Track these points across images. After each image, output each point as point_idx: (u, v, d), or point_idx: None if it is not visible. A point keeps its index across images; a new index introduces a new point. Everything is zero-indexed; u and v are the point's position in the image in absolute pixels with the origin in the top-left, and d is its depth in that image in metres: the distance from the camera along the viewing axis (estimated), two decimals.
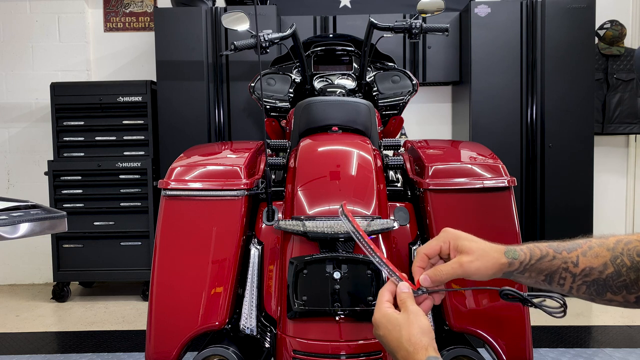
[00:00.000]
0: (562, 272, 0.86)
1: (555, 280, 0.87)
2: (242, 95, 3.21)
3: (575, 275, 0.86)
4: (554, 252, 0.87)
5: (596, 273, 0.85)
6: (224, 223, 1.17)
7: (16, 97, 3.72)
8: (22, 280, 3.78)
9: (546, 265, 0.86)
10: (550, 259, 0.86)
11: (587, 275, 0.85)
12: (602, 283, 0.85)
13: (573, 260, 0.86)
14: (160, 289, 1.15)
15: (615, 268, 0.84)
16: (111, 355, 2.39)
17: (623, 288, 0.84)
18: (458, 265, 0.85)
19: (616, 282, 0.84)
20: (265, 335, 1.18)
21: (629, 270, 0.83)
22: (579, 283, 0.86)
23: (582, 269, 0.85)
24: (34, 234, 0.92)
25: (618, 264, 0.84)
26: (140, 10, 3.80)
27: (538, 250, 0.87)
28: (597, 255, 0.86)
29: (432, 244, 0.89)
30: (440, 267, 0.87)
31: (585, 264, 0.85)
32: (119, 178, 3.23)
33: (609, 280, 0.84)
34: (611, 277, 0.84)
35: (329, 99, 1.53)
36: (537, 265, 0.87)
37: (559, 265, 0.86)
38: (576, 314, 2.92)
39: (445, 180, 1.20)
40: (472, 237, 0.88)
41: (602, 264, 0.85)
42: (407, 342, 0.78)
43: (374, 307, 1.06)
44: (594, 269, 0.85)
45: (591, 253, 0.86)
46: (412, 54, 3.49)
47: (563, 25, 3.17)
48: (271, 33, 1.97)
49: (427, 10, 1.98)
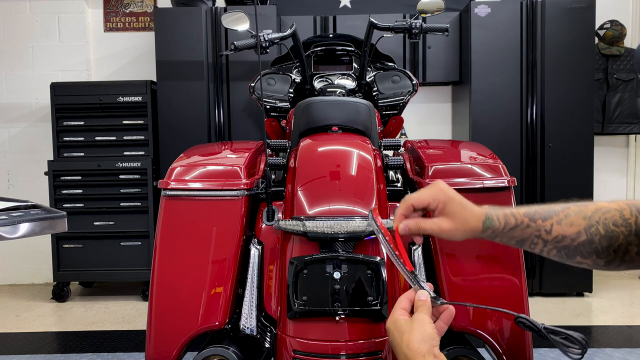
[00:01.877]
0: (534, 239, 0.88)
1: (527, 245, 0.89)
2: (242, 95, 3.21)
3: (547, 242, 0.88)
4: (528, 221, 0.88)
5: (568, 240, 0.86)
6: (224, 223, 1.17)
7: (16, 97, 3.72)
8: (22, 280, 3.78)
9: (519, 232, 0.88)
10: (523, 227, 0.88)
11: (559, 242, 0.87)
12: (573, 248, 0.86)
13: (547, 228, 0.87)
14: (160, 289, 1.16)
15: (588, 236, 0.85)
16: (111, 355, 2.39)
17: (593, 253, 0.85)
18: (438, 229, 0.88)
19: (587, 248, 0.85)
20: (265, 335, 1.18)
21: (602, 239, 0.84)
22: (550, 247, 0.88)
23: (555, 236, 0.87)
24: (34, 234, 0.92)
25: (592, 233, 0.85)
26: (140, 10, 3.80)
27: (513, 218, 0.88)
28: (572, 224, 0.86)
29: (421, 197, 0.90)
30: (422, 223, 0.89)
31: (558, 232, 0.87)
32: (119, 178, 3.23)
33: (580, 246, 0.86)
34: (582, 244, 0.85)
35: (329, 99, 1.53)
36: (510, 232, 0.89)
37: (531, 233, 0.88)
38: (576, 314, 2.92)
39: (445, 180, 1.20)
40: (461, 202, 0.89)
41: (576, 232, 0.86)
42: (407, 348, 0.79)
43: (374, 307, 1.07)
44: (566, 237, 0.86)
45: (566, 221, 0.87)
46: (412, 54, 3.49)
47: (563, 25, 3.17)
48: (271, 33, 1.97)
49: (427, 10, 1.98)
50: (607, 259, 0.85)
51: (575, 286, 3.24)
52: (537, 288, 3.20)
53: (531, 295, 3.19)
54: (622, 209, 0.84)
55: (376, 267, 1.08)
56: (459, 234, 0.89)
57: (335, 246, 1.10)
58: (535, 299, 3.18)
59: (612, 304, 3.10)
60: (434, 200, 0.89)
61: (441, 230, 0.88)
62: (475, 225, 0.88)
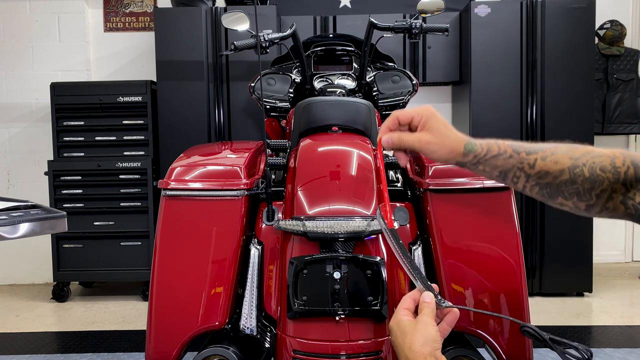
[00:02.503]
0: (517, 172, 0.88)
1: (509, 178, 0.90)
2: (242, 95, 3.21)
3: (529, 176, 0.88)
4: (512, 152, 0.89)
5: (550, 177, 0.86)
6: (224, 223, 1.17)
7: (16, 97, 3.72)
8: (22, 280, 3.78)
9: (501, 162, 0.89)
10: (506, 157, 0.89)
11: (541, 178, 0.87)
12: (555, 187, 0.86)
13: (530, 162, 0.88)
14: (160, 289, 1.15)
15: (571, 176, 0.85)
16: (111, 355, 2.39)
17: (575, 195, 0.85)
18: (418, 141, 0.91)
19: (569, 188, 0.85)
20: (265, 335, 1.18)
21: (585, 181, 0.84)
22: (532, 184, 0.88)
23: (537, 171, 0.87)
24: (34, 234, 0.92)
25: (575, 173, 0.85)
26: (140, 10, 3.80)
27: (496, 147, 0.90)
28: (557, 162, 0.86)
29: (407, 112, 0.92)
30: (404, 136, 0.92)
31: (541, 167, 0.87)
32: (119, 178, 3.23)
33: (562, 185, 0.85)
34: (564, 183, 0.85)
35: (329, 99, 1.53)
36: (492, 161, 0.89)
37: (514, 164, 0.89)
38: (576, 314, 2.92)
39: (445, 180, 1.20)
40: (445, 123, 0.92)
41: (559, 170, 0.86)
42: (409, 349, 0.79)
43: (374, 307, 1.07)
44: (549, 174, 0.86)
45: (552, 159, 0.87)
46: (412, 54, 3.49)
47: (563, 25, 3.17)
48: (271, 33, 1.97)
49: (427, 10, 1.98)
50: (588, 203, 0.85)
51: (575, 286, 3.24)
52: (537, 288, 3.20)
53: (531, 295, 3.19)
54: (614, 157, 0.83)
55: (376, 267, 1.08)
56: (439, 150, 0.90)
57: (335, 246, 1.10)
58: (535, 299, 3.18)
59: (612, 304, 3.10)
60: (418, 114, 0.91)
61: (420, 142, 0.90)
62: (457, 146, 0.90)
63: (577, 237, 3.17)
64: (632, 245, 3.86)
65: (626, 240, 3.86)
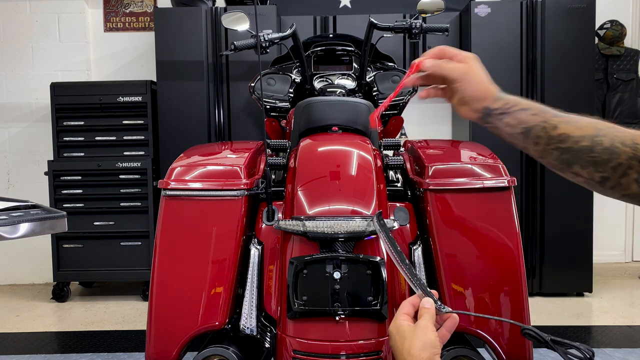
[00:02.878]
0: (540, 131, 0.88)
1: (531, 137, 0.89)
2: (242, 95, 3.21)
3: (551, 138, 0.87)
4: (538, 110, 0.90)
5: (571, 142, 0.86)
6: (224, 223, 1.17)
7: (16, 97, 3.72)
8: (22, 280, 3.78)
9: (527, 117, 0.89)
10: (532, 113, 0.89)
11: (562, 142, 0.87)
12: (574, 152, 0.86)
13: (554, 123, 0.88)
14: (160, 289, 1.15)
15: (591, 143, 0.84)
16: (111, 355, 2.39)
17: (591, 164, 0.84)
18: (457, 69, 0.93)
19: (587, 156, 0.84)
20: (265, 335, 1.18)
21: (603, 151, 0.83)
22: (552, 147, 0.87)
23: (560, 133, 0.87)
24: (34, 234, 0.91)
25: (595, 141, 0.84)
26: (140, 10, 3.80)
27: (524, 102, 0.92)
28: (581, 128, 0.86)
29: (454, 48, 0.97)
30: (445, 62, 0.95)
31: (564, 130, 0.87)
32: (119, 178, 3.23)
33: (581, 152, 0.85)
34: (583, 150, 0.85)
35: (329, 99, 1.53)
36: (519, 114, 0.90)
37: (538, 122, 0.89)
38: (576, 314, 2.92)
39: (445, 180, 1.20)
40: (484, 70, 0.95)
41: (580, 136, 0.85)
42: (407, 354, 0.79)
43: (373, 307, 1.07)
44: (570, 137, 0.86)
45: (576, 125, 0.87)
46: (412, 54, 3.49)
47: (563, 25, 3.17)
48: (271, 33, 1.97)
49: (427, 10, 1.98)
50: (603, 174, 0.84)
51: (575, 286, 3.23)
52: (537, 288, 3.20)
53: (531, 295, 3.19)
54: (637, 135, 0.83)
55: (376, 267, 1.08)
56: (474, 85, 0.92)
57: (335, 246, 1.10)
58: (535, 299, 3.18)
59: (612, 304, 3.10)
60: (463, 53, 0.96)
61: (460, 70, 0.93)
62: (491, 89, 0.93)
63: (577, 237, 3.17)
64: (632, 245, 3.86)
65: (626, 240, 3.86)
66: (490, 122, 0.93)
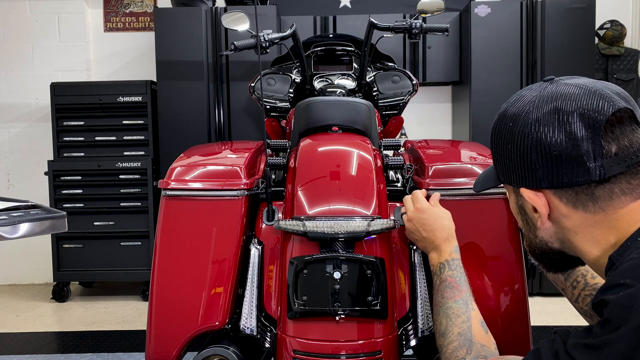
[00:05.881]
0: (579, 277, 1.00)
1: (570, 280, 1.01)
2: (242, 95, 3.21)
3: (587, 285, 0.99)
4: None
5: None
6: (224, 223, 1.17)
7: (16, 97, 3.72)
8: (22, 280, 3.78)
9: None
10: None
11: (596, 290, 0.91)
12: None
13: (593, 273, 0.99)
14: (160, 289, 1.15)
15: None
16: (111, 355, 2.39)
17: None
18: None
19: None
20: (265, 335, 1.18)
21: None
22: (587, 293, 0.98)
23: (596, 282, 0.98)
24: (34, 234, 0.92)
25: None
26: (140, 10, 3.80)
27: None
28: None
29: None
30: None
31: (600, 280, 0.97)
32: (119, 178, 3.23)
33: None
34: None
35: (329, 99, 1.53)
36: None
37: (580, 269, 1.01)
38: (576, 314, 2.91)
39: (445, 180, 1.20)
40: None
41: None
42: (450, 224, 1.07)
43: (374, 307, 1.07)
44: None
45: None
46: (412, 54, 3.49)
47: (563, 25, 3.17)
48: (271, 33, 1.97)
49: (427, 10, 1.98)
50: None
51: None
52: (537, 288, 3.20)
53: (531, 295, 3.19)
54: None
55: (376, 267, 1.08)
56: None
57: (335, 246, 1.10)
58: (535, 299, 3.18)
59: None
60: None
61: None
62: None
63: None
64: None
65: None
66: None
